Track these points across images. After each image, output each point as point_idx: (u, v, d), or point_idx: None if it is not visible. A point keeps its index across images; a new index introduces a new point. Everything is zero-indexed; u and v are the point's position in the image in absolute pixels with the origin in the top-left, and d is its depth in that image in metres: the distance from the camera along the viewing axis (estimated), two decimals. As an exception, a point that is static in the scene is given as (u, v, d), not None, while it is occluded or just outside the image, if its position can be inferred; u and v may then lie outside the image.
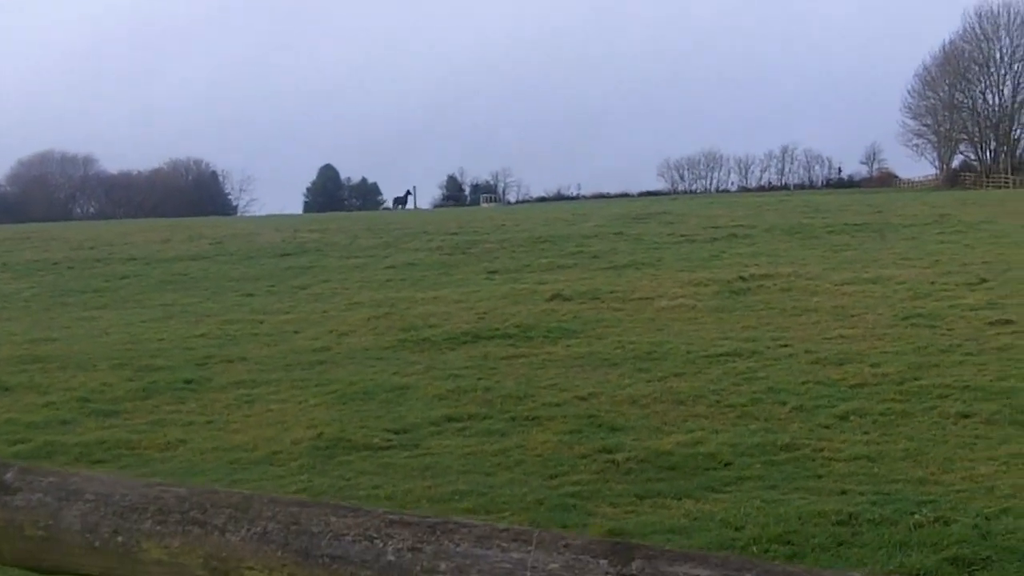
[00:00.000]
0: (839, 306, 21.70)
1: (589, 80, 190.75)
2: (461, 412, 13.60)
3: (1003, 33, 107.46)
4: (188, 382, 16.85)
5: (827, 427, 12.09)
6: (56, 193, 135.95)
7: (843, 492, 9.52)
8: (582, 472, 10.65)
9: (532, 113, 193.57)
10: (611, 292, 25.53)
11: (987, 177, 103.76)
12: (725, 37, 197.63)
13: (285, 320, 23.97)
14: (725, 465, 10.74)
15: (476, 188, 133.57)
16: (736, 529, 8.49)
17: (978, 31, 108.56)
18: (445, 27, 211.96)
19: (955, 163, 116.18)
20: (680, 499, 9.53)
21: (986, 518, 8.32)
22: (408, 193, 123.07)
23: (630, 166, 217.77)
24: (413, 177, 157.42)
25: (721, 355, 16.83)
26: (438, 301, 25.90)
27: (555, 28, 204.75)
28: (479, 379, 15.83)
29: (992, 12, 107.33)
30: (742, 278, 26.48)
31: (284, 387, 16.16)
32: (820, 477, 10.13)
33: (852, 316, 20.40)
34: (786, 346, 17.42)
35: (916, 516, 8.40)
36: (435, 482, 10.41)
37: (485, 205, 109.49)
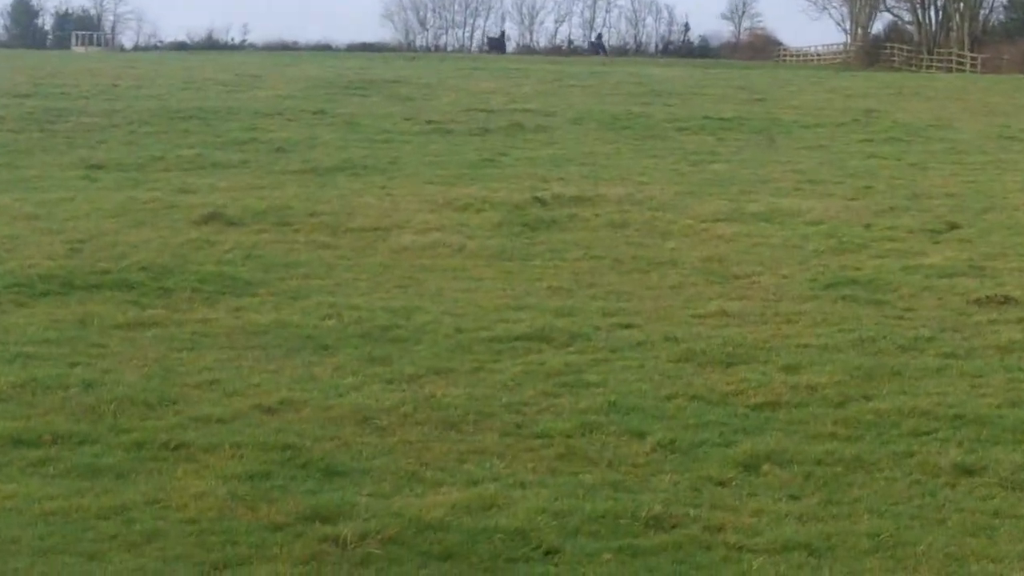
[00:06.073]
0: (712, 258, 15.11)
1: None
2: (38, 428, 7.96)
3: None
4: None
5: (722, 484, 6.99)
6: None
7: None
8: (276, 560, 5.85)
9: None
10: (312, 215, 17.72)
11: (930, 53, 75.00)
12: None
13: None
14: (546, 554, 6.15)
15: (63, 21, 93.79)
16: None
17: None
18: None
19: (877, 27, 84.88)
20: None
21: None
22: (503, 33, 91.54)
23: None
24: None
25: (517, 338, 11.08)
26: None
27: None
28: (73, 365, 9.85)
29: None
30: (538, 199, 18.86)
31: None
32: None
33: (737, 278, 14.06)
34: (629, 327, 11.62)
35: None
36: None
37: (79, 50, 77.30)
